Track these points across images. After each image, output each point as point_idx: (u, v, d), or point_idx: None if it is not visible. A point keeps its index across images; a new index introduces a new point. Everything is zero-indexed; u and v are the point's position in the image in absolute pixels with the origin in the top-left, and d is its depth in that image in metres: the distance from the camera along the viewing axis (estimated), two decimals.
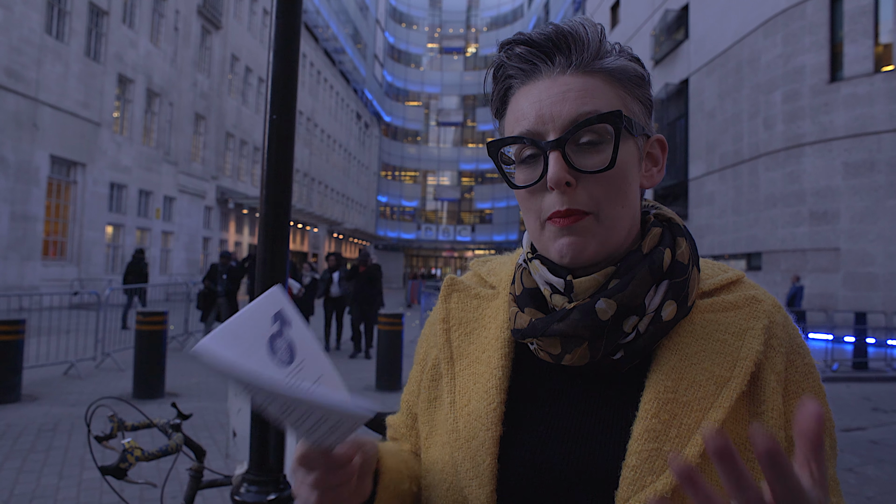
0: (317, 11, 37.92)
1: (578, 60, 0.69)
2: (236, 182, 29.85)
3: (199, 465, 1.96)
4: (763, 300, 0.72)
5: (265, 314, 0.67)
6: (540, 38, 0.70)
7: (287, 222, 1.79)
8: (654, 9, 23.70)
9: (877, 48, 14.39)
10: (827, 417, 0.70)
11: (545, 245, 0.71)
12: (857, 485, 4.79)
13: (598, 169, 0.67)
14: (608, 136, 0.67)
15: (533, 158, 0.70)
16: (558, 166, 0.66)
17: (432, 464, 0.78)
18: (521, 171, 0.71)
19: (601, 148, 0.67)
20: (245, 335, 0.64)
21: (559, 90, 0.68)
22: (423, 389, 0.85)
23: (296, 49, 1.80)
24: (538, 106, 0.69)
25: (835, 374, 10.10)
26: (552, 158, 0.66)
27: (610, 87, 0.70)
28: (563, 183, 0.66)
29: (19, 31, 15.86)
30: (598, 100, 0.68)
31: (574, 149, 0.67)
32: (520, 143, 0.70)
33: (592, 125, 0.66)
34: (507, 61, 0.73)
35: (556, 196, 0.67)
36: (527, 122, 0.69)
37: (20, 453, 4.83)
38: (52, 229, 17.95)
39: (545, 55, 0.70)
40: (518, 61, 0.72)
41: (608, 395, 0.70)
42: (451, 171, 63.55)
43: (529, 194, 0.71)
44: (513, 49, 0.72)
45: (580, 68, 0.69)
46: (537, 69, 0.71)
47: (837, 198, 14.68)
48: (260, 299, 0.68)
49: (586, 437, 0.68)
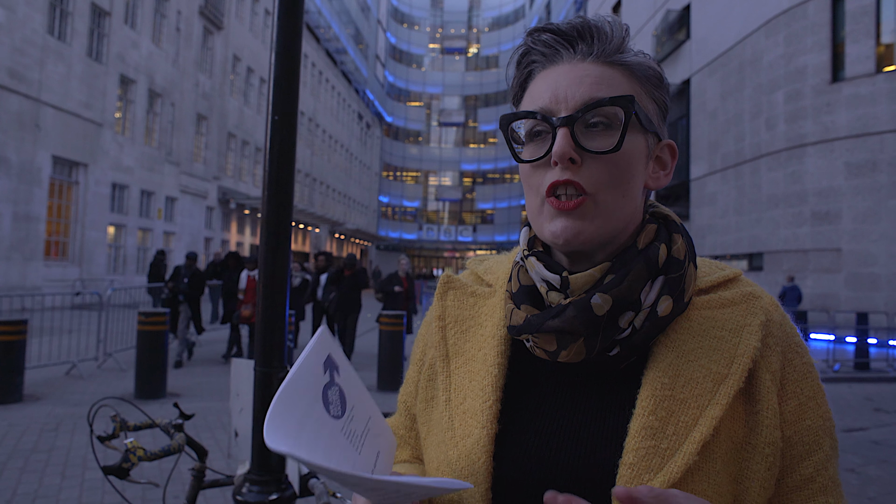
0: (318, 12, 37.94)
1: (600, 50, 0.71)
2: (238, 182, 29.87)
3: (201, 465, 1.97)
4: (760, 297, 0.72)
5: (317, 364, 0.66)
6: (566, 26, 0.72)
7: (289, 223, 1.79)
8: (656, 9, 23.69)
9: (879, 48, 14.37)
10: (827, 418, 0.70)
11: (541, 225, 0.71)
12: (860, 485, 4.78)
13: (603, 150, 0.67)
14: (617, 123, 0.68)
15: (541, 135, 0.70)
16: (564, 141, 0.66)
17: (429, 462, 0.78)
18: (528, 149, 0.72)
19: (610, 133, 0.68)
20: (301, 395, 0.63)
21: (577, 74, 0.70)
22: (420, 389, 0.85)
23: (298, 50, 1.80)
24: (554, 86, 0.70)
25: (836, 374, 10.08)
26: (560, 134, 0.67)
27: (627, 80, 0.71)
28: (567, 158, 0.67)
29: (22, 32, 15.89)
30: (613, 88, 0.69)
31: (582, 130, 0.68)
32: (532, 119, 0.70)
33: (603, 106, 0.67)
34: (532, 46, 0.74)
35: (558, 171, 0.68)
36: (541, 100, 0.70)
37: (23, 453, 4.84)
38: (55, 230, 17.98)
39: (568, 42, 0.72)
40: (542, 46, 0.73)
41: (605, 393, 0.70)
42: (453, 171, 63.56)
43: (533, 169, 0.71)
44: (539, 36, 0.73)
45: (600, 58, 0.71)
46: (559, 54, 0.72)
47: (839, 198, 14.66)
48: (311, 347, 0.67)
49: (583, 434, 0.68)
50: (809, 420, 0.68)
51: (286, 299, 1.78)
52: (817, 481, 0.68)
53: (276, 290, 1.76)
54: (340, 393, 0.67)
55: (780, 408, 0.68)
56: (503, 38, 62.94)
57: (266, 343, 1.76)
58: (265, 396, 1.76)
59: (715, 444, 0.64)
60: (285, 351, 1.79)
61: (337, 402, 0.66)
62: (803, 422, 0.68)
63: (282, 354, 1.77)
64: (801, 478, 0.68)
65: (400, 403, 0.91)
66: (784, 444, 0.67)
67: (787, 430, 0.67)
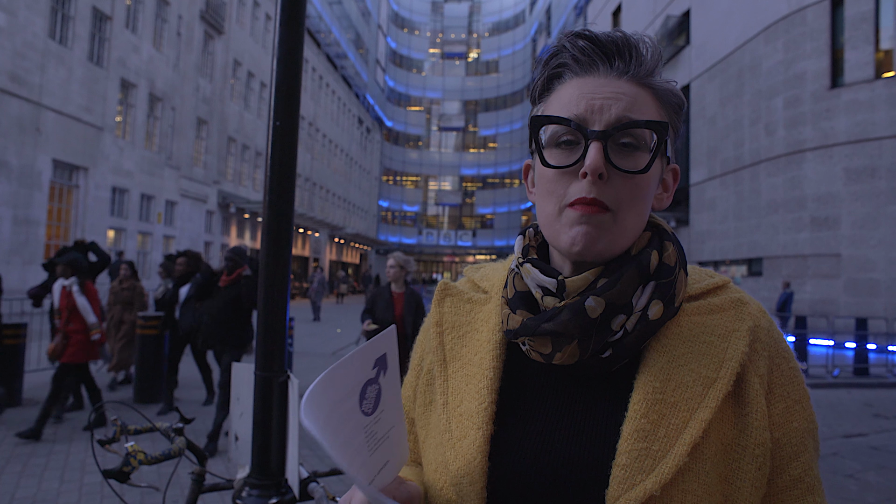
0: (319, 17, 38.05)
1: (636, 71, 0.72)
2: (238, 187, 29.90)
3: (201, 469, 1.97)
4: (748, 303, 0.74)
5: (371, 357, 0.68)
6: (606, 38, 0.73)
7: (290, 228, 1.80)
8: (656, 14, 23.76)
9: (877, 54, 14.42)
10: (812, 420, 0.73)
11: (557, 232, 0.72)
12: (859, 491, 4.78)
13: (633, 170, 0.69)
14: (644, 144, 0.70)
15: (570, 145, 0.71)
16: (599, 155, 0.68)
17: (427, 464, 0.79)
18: (553, 154, 0.73)
19: (637, 154, 0.70)
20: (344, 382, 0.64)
21: (613, 90, 0.71)
22: (419, 394, 0.87)
23: (299, 57, 1.82)
24: (590, 97, 0.71)
25: (836, 379, 10.06)
26: (593, 147, 0.68)
27: (656, 104, 0.73)
28: (598, 174, 0.68)
29: (23, 36, 15.93)
30: (645, 110, 0.71)
31: (613, 147, 0.70)
32: (565, 125, 0.71)
33: (639, 128, 0.69)
34: (568, 49, 0.74)
35: (585, 184, 0.69)
36: (575, 108, 0.71)
37: (21, 457, 4.84)
38: (54, 233, 17.99)
39: (605, 55, 0.73)
40: (577, 52, 0.74)
41: (598, 394, 0.72)
42: (453, 175, 63.62)
43: (557, 176, 0.72)
44: (576, 41, 0.74)
45: (635, 78, 0.72)
46: (595, 65, 0.73)
47: (838, 204, 14.68)
48: (376, 339, 0.69)
49: (577, 436, 0.70)
50: (796, 422, 0.71)
51: (287, 304, 1.78)
52: (805, 481, 0.70)
53: (276, 295, 1.77)
54: (379, 392, 0.69)
55: (768, 410, 0.69)
56: (503, 43, 63.10)
57: (266, 348, 1.77)
58: (265, 401, 1.77)
59: (705, 445, 0.66)
60: (285, 356, 1.80)
61: (372, 400, 0.68)
62: (791, 424, 0.70)
63: (282, 359, 1.78)
64: (790, 478, 0.70)
65: None
66: (773, 445, 0.69)
67: (776, 433, 0.69)
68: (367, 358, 0.67)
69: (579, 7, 36.33)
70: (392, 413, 0.71)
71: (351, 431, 0.64)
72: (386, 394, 0.70)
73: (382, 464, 0.71)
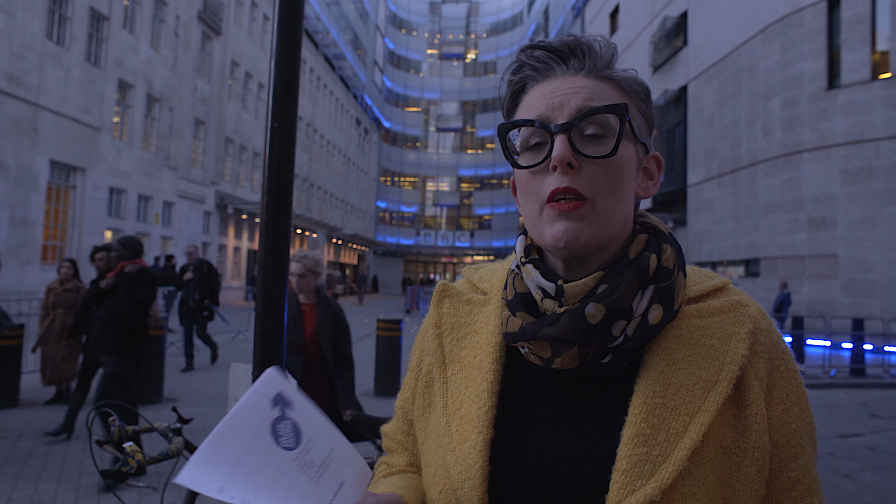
0: (317, 17, 38.01)
1: (591, 66, 0.74)
2: (236, 187, 29.87)
3: None
4: (748, 305, 0.74)
5: (263, 402, 0.68)
6: (559, 43, 0.75)
7: (288, 228, 1.80)
8: (653, 15, 23.79)
9: (874, 56, 14.46)
10: (810, 421, 0.73)
11: (541, 231, 0.73)
12: (855, 491, 4.79)
13: (600, 155, 0.70)
14: (611, 131, 0.71)
15: (539, 146, 0.73)
16: (564, 146, 0.69)
17: (426, 467, 0.79)
18: (525, 158, 0.74)
19: (604, 140, 0.71)
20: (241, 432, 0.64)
21: (570, 86, 0.73)
22: (417, 395, 0.86)
23: (297, 58, 1.82)
24: (550, 96, 0.73)
25: (833, 380, 10.08)
26: (558, 140, 0.70)
27: (617, 93, 0.74)
28: (566, 163, 0.69)
29: (20, 37, 15.90)
30: (606, 99, 0.73)
31: (579, 137, 0.71)
32: (529, 126, 0.73)
33: (599, 114, 0.70)
34: (525, 62, 0.77)
35: (557, 176, 0.70)
36: (538, 109, 0.73)
37: (19, 458, 4.83)
38: (52, 234, 17.95)
39: (560, 58, 0.75)
40: (535, 62, 0.76)
41: (598, 399, 0.72)
42: (451, 176, 63.58)
43: (531, 176, 0.73)
44: (532, 52, 0.76)
45: (592, 73, 0.74)
46: (552, 69, 0.75)
47: (836, 204, 14.72)
48: (256, 386, 0.68)
49: (577, 440, 0.70)
50: (795, 424, 0.71)
51: (285, 304, 1.79)
52: (803, 483, 0.70)
53: (274, 296, 1.77)
54: (294, 426, 0.69)
55: (767, 412, 0.70)
56: (501, 44, 63.10)
57: (264, 349, 1.77)
58: None
59: (705, 449, 0.66)
60: (283, 356, 1.80)
61: (289, 435, 0.68)
62: (789, 426, 0.70)
63: (280, 360, 1.78)
64: (789, 480, 0.70)
65: (397, 409, 0.93)
66: (772, 447, 0.69)
67: (775, 434, 0.70)
68: (259, 402, 0.67)
69: (577, 8, 36.35)
70: (323, 439, 0.72)
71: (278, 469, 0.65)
72: (304, 424, 0.70)
73: (336, 486, 0.71)
